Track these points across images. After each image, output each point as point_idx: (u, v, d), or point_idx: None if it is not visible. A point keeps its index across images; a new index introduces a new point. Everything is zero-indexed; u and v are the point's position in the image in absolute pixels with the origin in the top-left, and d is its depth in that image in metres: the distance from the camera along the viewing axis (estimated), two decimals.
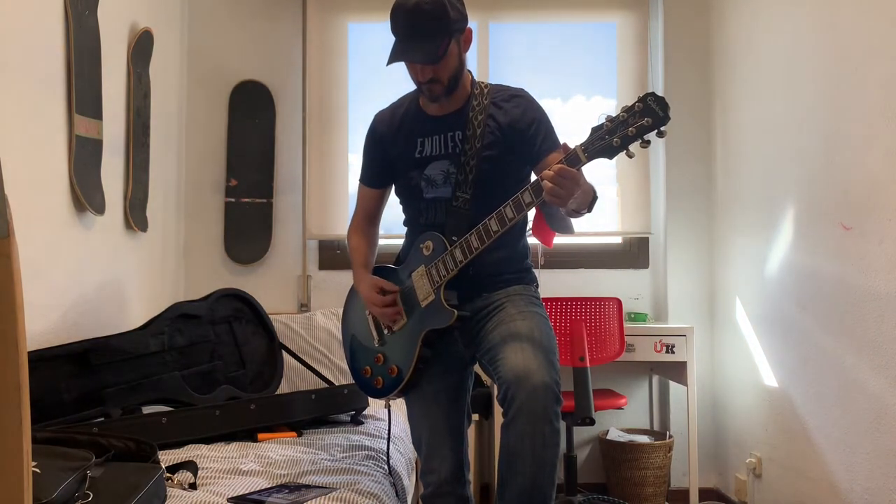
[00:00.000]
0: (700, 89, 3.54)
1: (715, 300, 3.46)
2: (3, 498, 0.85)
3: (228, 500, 1.68)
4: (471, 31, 1.98)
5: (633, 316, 3.42)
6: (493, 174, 1.95)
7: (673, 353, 3.13)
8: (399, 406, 2.97)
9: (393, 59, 1.88)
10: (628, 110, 1.64)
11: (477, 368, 2.11)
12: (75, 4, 2.39)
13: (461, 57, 1.95)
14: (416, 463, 2.55)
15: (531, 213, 2.01)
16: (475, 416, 3.23)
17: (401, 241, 2.14)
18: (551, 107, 2.05)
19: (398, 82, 3.72)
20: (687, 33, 3.55)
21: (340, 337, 3.29)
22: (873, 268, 2.23)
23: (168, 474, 1.73)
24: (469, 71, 2.03)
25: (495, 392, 1.96)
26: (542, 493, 1.75)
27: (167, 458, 1.94)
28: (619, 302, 3.01)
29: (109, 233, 2.74)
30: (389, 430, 2.19)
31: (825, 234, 2.49)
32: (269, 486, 1.80)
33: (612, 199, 3.60)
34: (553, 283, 3.44)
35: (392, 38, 1.91)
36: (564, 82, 3.65)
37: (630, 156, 1.67)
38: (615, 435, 3.38)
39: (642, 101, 1.63)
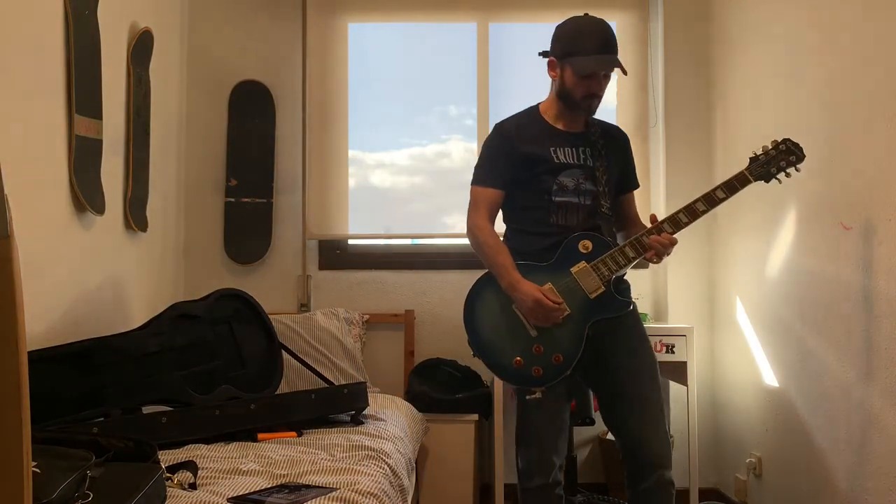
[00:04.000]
0: (700, 89, 3.53)
1: (715, 300, 3.46)
2: (3, 498, 0.85)
3: (228, 500, 1.68)
4: None
5: None
6: (613, 190, 2.28)
7: (673, 353, 3.12)
8: (398, 405, 2.97)
9: (597, 67, 2.14)
10: (776, 149, 2.17)
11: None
12: (75, 4, 2.39)
13: None
14: (516, 459, 2.46)
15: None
16: (475, 417, 3.24)
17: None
18: None
19: (398, 82, 3.73)
20: (687, 33, 3.55)
21: (344, 338, 3.31)
22: (873, 268, 2.23)
23: (168, 474, 1.73)
24: None
25: (621, 453, 2.22)
26: None
27: (167, 458, 1.94)
28: None
29: (109, 233, 2.74)
30: (528, 425, 2.22)
31: (825, 234, 2.49)
32: (269, 486, 1.80)
33: None
34: None
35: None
36: None
37: (779, 181, 2.18)
38: None
39: (784, 143, 2.17)
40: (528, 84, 3.80)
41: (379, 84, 3.67)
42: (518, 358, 2.15)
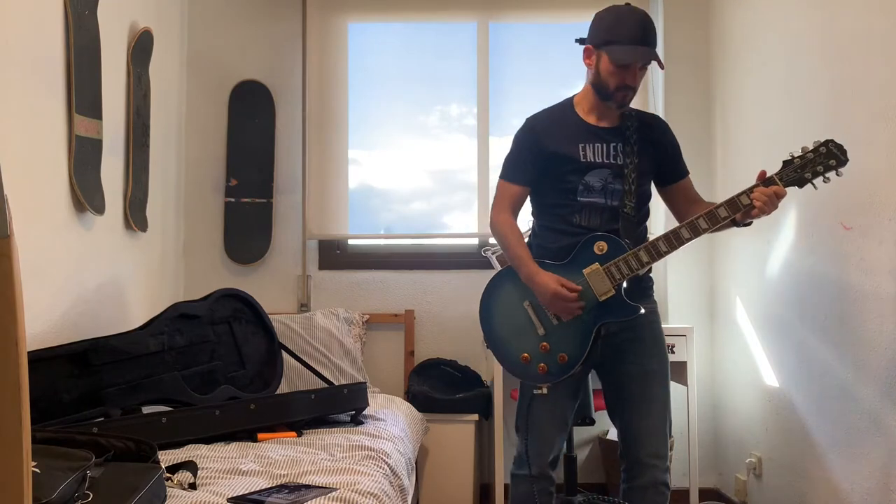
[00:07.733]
0: (700, 89, 3.53)
1: (715, 300, 3.46)
2: (3, 498, 0.85)
3: (228, 500, 1.68)
4: None
5: None
6: (644, 188, 2.23)
7: (673, 353, 3.12)
8: (398, 405, 2.97)
9: (635, 58, 2.12)
10: (815, 151, 2.03)
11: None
12: (75, 4, 2.39)
13: None
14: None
15: None
16: (475, 416, 3.24)
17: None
18: None
19: (398, 82, 3.72)
20: (687, 33, 3.55)
21: (344, 338, 3.31)
22: (873, 268, 2.23)
23: (168, 474, 1.73)
24: None
25: (619, 448, 2.27)
26: None
27: (167, 458, 1.94)
28: None
29: (109, 233, 2.74)
30: (528, 416, 2.22)
31: (825, 234, 2.49)
32: (269, 486, 1.80)
33: None
34: None
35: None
36: (564, 82, 3.64)
37: (815, 186, 2.04)
38: (615, 435, 3.37)
39: (825, 146, 2.03)
40: (528, 84, 3.81)
41: (379, 84, 3.67)
42: (525, 354, 2.17)
